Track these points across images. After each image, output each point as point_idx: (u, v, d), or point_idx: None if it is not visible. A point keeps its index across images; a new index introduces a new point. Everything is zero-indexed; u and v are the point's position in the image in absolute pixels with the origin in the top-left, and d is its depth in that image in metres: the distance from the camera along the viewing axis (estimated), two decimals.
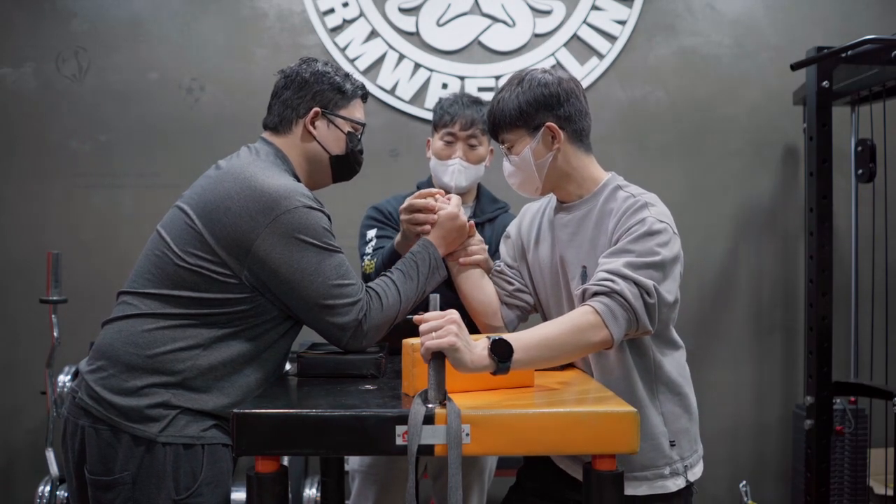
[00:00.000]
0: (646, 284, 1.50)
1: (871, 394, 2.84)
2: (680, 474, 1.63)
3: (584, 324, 1.48)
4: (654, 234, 1.56)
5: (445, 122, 2.27)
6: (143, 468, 1.55)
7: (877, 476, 3.10)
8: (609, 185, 1.72)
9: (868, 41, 2.61)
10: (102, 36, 3.38)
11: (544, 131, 1.67)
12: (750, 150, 3.48)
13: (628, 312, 1.49)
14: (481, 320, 1.88)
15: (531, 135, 1.69)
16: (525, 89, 1.68)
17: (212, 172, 1.71)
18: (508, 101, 1.69)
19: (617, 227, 1.61)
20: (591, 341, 1.48)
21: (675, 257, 1.58)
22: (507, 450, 1.37)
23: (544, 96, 1.66)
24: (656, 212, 1.60)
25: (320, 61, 1.80)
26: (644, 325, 1.51)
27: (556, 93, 1.67)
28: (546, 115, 1.67)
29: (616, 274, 1.51)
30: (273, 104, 1.79)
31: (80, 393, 1.61)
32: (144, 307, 1.61)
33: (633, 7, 3.45)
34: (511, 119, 1.69)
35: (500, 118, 1.71)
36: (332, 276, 1.61)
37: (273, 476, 1.35)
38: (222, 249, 1.58)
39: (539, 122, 1.67)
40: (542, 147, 1.69)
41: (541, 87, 1.67)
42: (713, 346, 3.42)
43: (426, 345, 1.34)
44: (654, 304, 1.51)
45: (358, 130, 1.82)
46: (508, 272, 1.88)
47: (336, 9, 3.42)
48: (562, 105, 1.67)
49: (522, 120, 1.68)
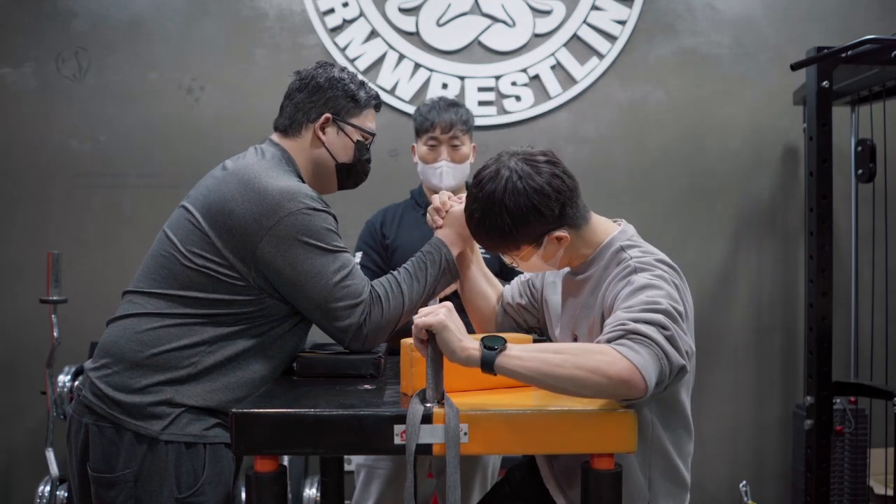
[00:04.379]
0: (656, 319, 1.33)
1: (871, 394, 2.84)
2: None
3: (595, 349, 1.30)
4: (644, 288, 1.41)
5: (427, 128, 2.36)
6: (145, 466, 1.55)
7: (877, 476, 3.10)
8: (612, 245, 1.58)
9: (868, 41, 2.61)
10: (102, 36, 3.39)
11: (548, 239, 1.55)
12: (750, 150, 3.48)
13: (652, 347, 1.28)
14: (479, 325, 1.88)
15: (535, 246, 1.56)
16: (511, 212, 1.49)
17: (218, 172, 1.70)
18: (497, 230, 1.52)
19: (607, 294, 1.50)
20: (603, 369, 1.26)
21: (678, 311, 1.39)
22: (505, 449, 1.37)
23: (535, 216, 1.51)
24: (646, 276, 1.45)
25: (337, 67, 1.78)
26: (675, 360, 1.31)
27: (548, 208, 1.51)
28: (544, 227, 1.53)
29: (622, 320, 1.34)
30: (285, 105, 1.78)
31: (84, 390, 1.61)
32: (150, 306, 1.62)
33: (633, 7, 3.45)
34: (507, 245, 1.56)
35: (490, 245, 1.59)
36: (335, 277, 1.61)
37: (272, 476, 1.36)
38: (229, 252, 1.59)
39: (539, 234, 1.54)
40: (550, 250, 1.56)
41: (531, 211, 1.50)
42: (713, 346, 3.42)
43: (415, 321, 1.33)
44: (674, 335, 1.32)
45: (367, 140, 1.81)
46: (529, 287, 1.84)
47: (336, 9, 3.42)
48: (557, 214, 1.52)
49: (522, 241, 1.55)
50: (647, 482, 1.58)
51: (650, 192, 3.45)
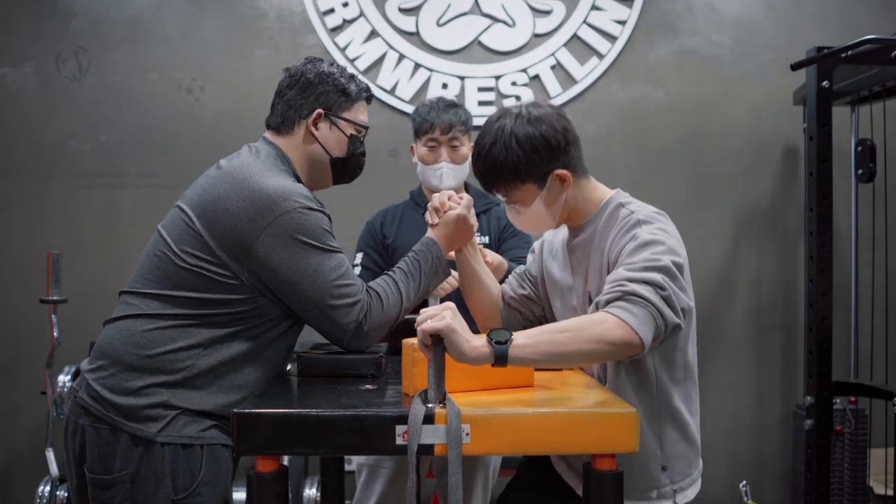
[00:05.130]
0: (654, 279, 1.41)
1: (871, 394, 2.84)
2: (668, 498, 1.59)
3: (595, 318, 1.38)
4: (648, 245, 1.48)
5: (426, 130, 2.36)
6: (141, 468, 1.55)
7: (877, 476, 3.11)
8: (611, 203, 1.65)
9: (868, 41, 2.61)
10: (102, 36, 3.39)
11: (552, 179, 1.60)
12: (750, 150, 3.48)
13: (648, 308, 1.38)
14: (483, 322, 1.88)
15: (539, 186, 1.61)
16: (520, 141, 1.57)
17: (212, 172, 1.70)
18: (503, 157, 1.58)
19: (612, 248, 1.55)
20: (606, 336, 1.35)
21: (678, 265, 1.48)
22: (507, 449, 1.36)
23: (544, 147, 1.58)
24: (649, 228, 1.52)
25: (325, 62, 1.79)
26: (670, 318, 1.41)
27: (554, 140, 1.58)
28: (550, 164, 1.59)
29: (621, 279, 1.43)
30: (276, 103, 1.78)
31: (81, 392, 1.61)
32: (145, 307, 1.61)
33: (633, 7, 3.45)
34: (513, 177, 1.60)
35: (497, 177, 1.62)
36: (333, 276, 1.61)
37: (273, 476, 1.35)
38: (222, 251, 1.58)
39: (545, 171, 1.60)
40: (553, 193, 1.62)
41: (537, 138, 1.57)
42: (713, 345, 3.42)
43: (422, 327, 1.33)
44: (670, 295, 1.42)
45: (361, 133, 1.81)
46: (528, 277, 1.87)
47: (336, 9, 3.42)
48: (562, 148, 1.59)
49: (528, 175, 1.60)
50: (659, 442, 1.60)
51: (650, 192, 3.41)
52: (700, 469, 1.69)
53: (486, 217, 2.41)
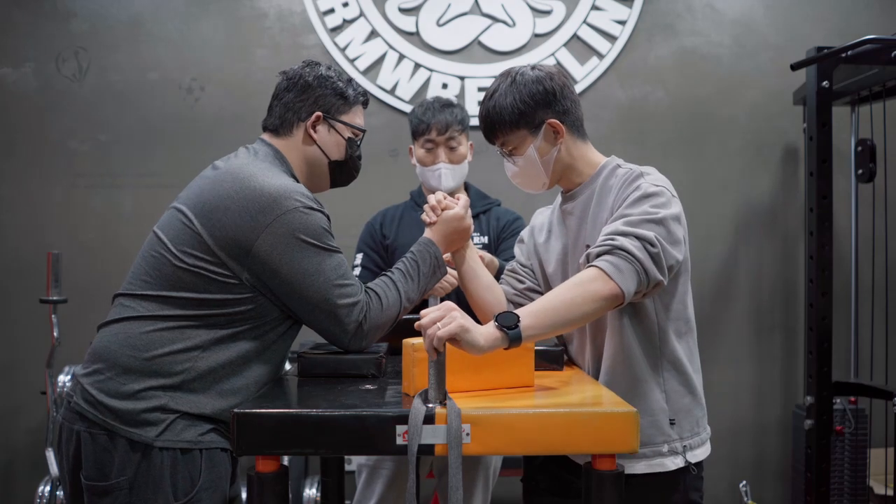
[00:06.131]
0: (646, 235, 1.49)
1: (871, 394, 2.84)
2: (679, 454, 1.61)
3: (586, 278, 1.47)
4: (649, 197, 1.56)
5: (423, 131, 2.35)
6: (140, 473, 1.52)
7: (877, 476, 3.11)
8: (608, 165, 1.72)
9: (868, 41, 2.61)
10: (102, 36, 3.39)
11: (546, 128, 1.68)
12: (750, 150, 3.48)
13: (633, 263, 1.47)
14: (486, 320, 1.88)
15: (533, 134, 1.68)
16: (519, 89, 1.67)
17: (208, 173, 1.70)
18: (504, 103, 1.67)
19: (615, 201, 1.62)
20: (599, 294, 1.45)
21: (675, 216, 1.57)
22: (507, 449, 1.36)
23: (541, 93, 1.66)
24: (651, 179, 1.61)
25: (323, 65, 1.79)
26: (654, 275, 1.49)
27: (551, 88, 1.67)
28: (546, 112, 1.67)
29: (614, 233, 1.51)
30: (274, 105, 1.78)
31: (76, 397, 1.58)
32: (142, 309, 1.59)
33: (633, 7, 3.45)
34: (510, 121, 1.68)
35: (497, 122, 1.70)
36: (333, 276, 1.61)
37: (273, 476, 1.35)
38: (221, 250, 1.58)
39: (540, 119, 1.67)
40: (546, 144, 1.69)
41: (535, 85, 1.66)
42: (713, 345, 3.42)
43: (437, 335, 1.32)
44: (659, 252, 1.49)
45: (358, 136, 1.81)
46: (521, 270, 1.89)
47: (336, 9, 3.42)
48: (559, 99, 1.67)
49: (523, 120, 1.67)
50: (664, 394, 1.62)
51: None
52: (708, 433, 1.70)
53: (485, 217, 2.40)
